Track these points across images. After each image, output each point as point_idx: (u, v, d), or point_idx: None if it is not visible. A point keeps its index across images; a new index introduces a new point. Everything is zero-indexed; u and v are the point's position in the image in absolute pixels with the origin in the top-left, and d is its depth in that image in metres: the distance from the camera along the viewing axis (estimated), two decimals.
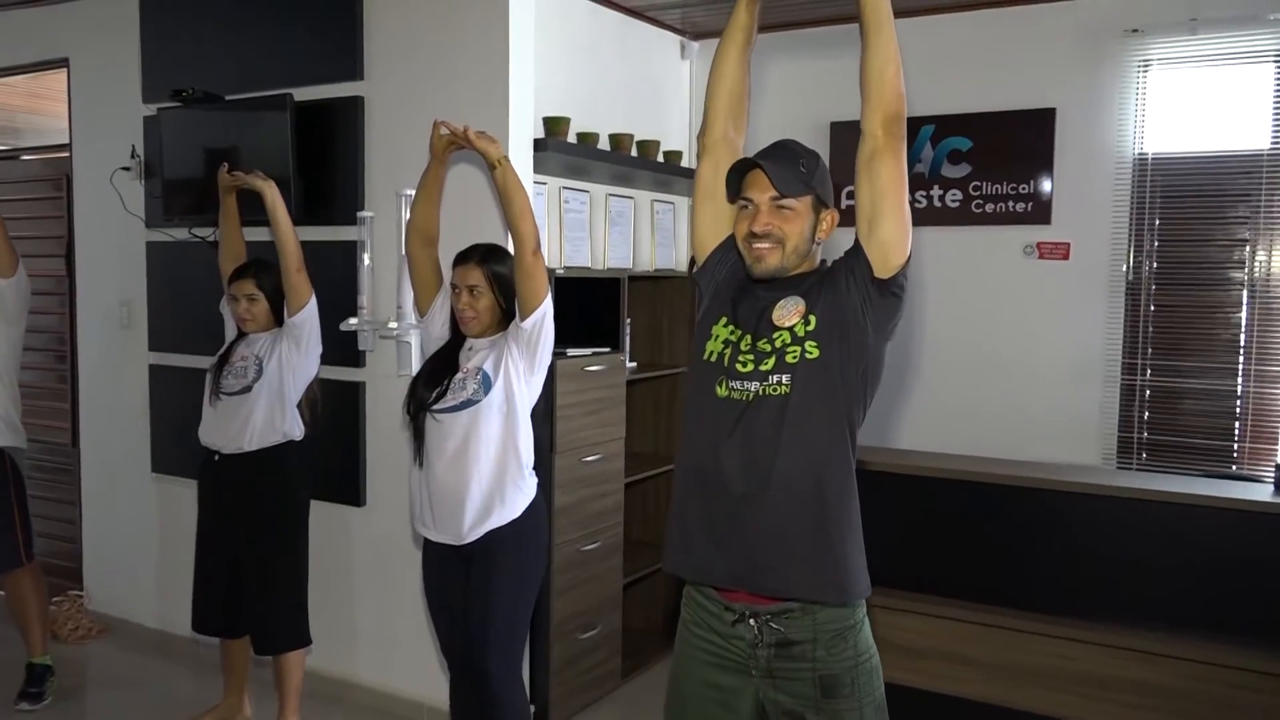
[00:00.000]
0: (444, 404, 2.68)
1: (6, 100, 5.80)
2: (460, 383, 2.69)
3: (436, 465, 2.68)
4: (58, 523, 4.67)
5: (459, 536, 2.68)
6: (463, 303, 2.71)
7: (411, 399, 2.75)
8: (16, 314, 3.68)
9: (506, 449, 2.69)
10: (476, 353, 2.73)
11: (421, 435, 2.71)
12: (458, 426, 2.66)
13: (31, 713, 3.60)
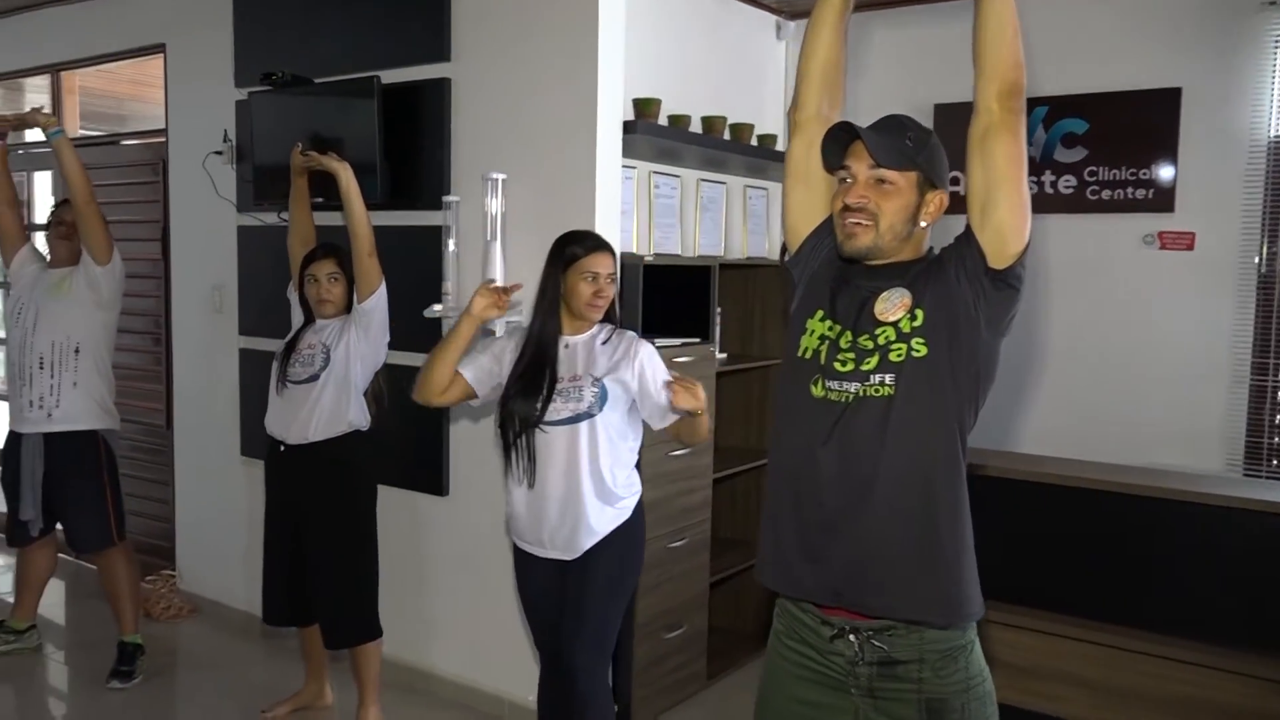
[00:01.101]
0: (556, 416, 2.55)
1: (112, 87, 5.94)
2: (572, 392, 2.56)
3: (548, 481, 2.56)
4: (153, 502, 4.75)
5: (573, 551, 2.59)
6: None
7: (512, 417, 2.59)
8: (111, 300, 3.72)
9: (620, 451, 2.61)
10: (589, 358, 2.61)
11: (528, 451, 2.58)
12: (574, 438, 2.55)
13: (122, 690, 3.64)
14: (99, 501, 3.70)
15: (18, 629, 3.96)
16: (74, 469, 3.67)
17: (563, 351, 2.62)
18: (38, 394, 3.61)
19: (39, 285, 3.70)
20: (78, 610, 4.51)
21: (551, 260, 2.65)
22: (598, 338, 2.65)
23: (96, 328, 3.70)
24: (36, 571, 3.91)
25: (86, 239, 3.60)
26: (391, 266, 3.21)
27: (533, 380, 2.57)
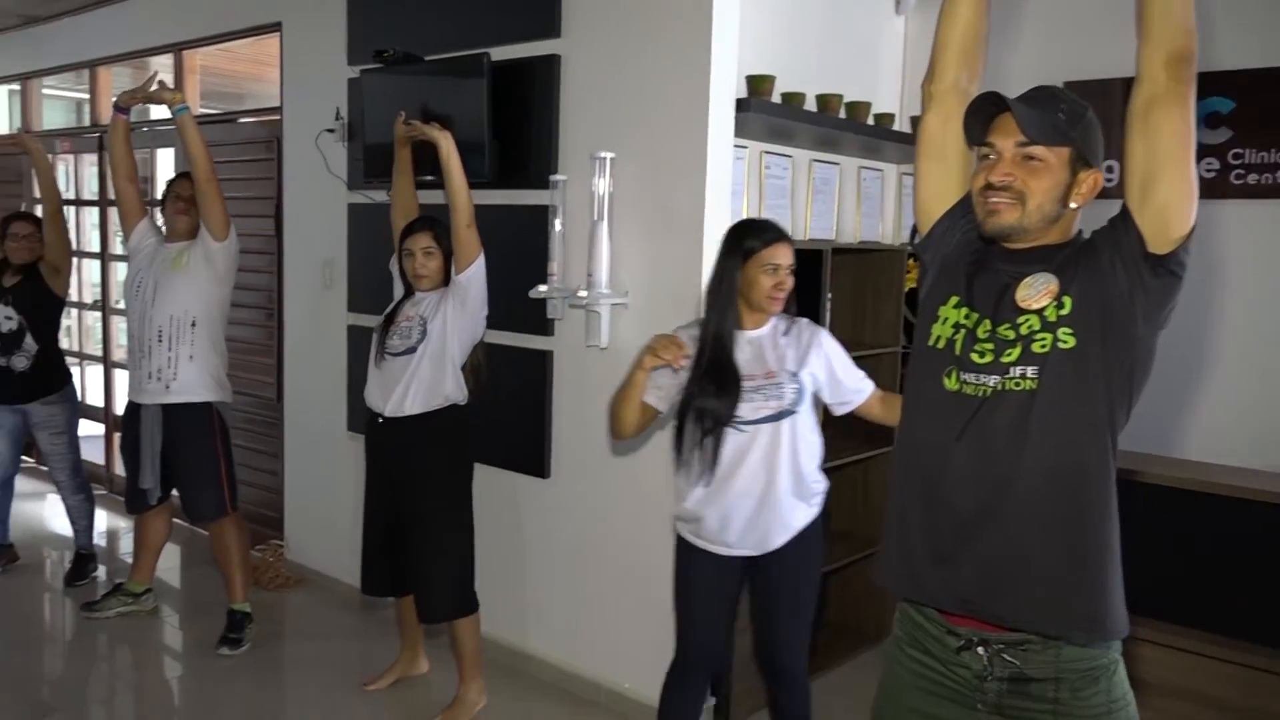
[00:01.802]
0: (756, 414, 2.46)
1: (231, 67, 6.08)
2: (770, 389, 2.47)
3: (739, 479, 2.47)
4: (263, 474, 4.86)
5: (764, 548, 2.53)
6: None
7: (702, 415, 2.46)
8: (226, 275, 3.79)
9: (814, 445, 2.55)
10: (776, 352, 2.53)
11: (714, 450, 2.47)
12: (775, 435, 2.46)
13: (231, 657, 3.73)
14: (214, 472, 3.79)
15: (135, 591, 4.09)
16: (190, 440, 3.76)
17: (746, 346, 2.51)
18: (156, 366, 3.70)
19: (157, 259, 3.78)
20: (192, 575, 4.65)
21: (728, 252, 2.53)
22: (778, 330, 2.56)
23: (212, 302, 3.77)
24: (153, 537, 4.03)
25: (206, 215, 3.66)
26: (497, 246, 3.18)
27: (720, 378, 2.46)
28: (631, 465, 3.29)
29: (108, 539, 5.13)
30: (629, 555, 3.32)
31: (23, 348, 4.21)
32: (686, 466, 2.52)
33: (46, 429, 4.34)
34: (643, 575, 3.28)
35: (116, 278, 5.98)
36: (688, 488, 2.54)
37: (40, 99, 6.67)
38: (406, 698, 3.42)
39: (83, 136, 6.12)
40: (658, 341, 2.40)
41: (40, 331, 4.25)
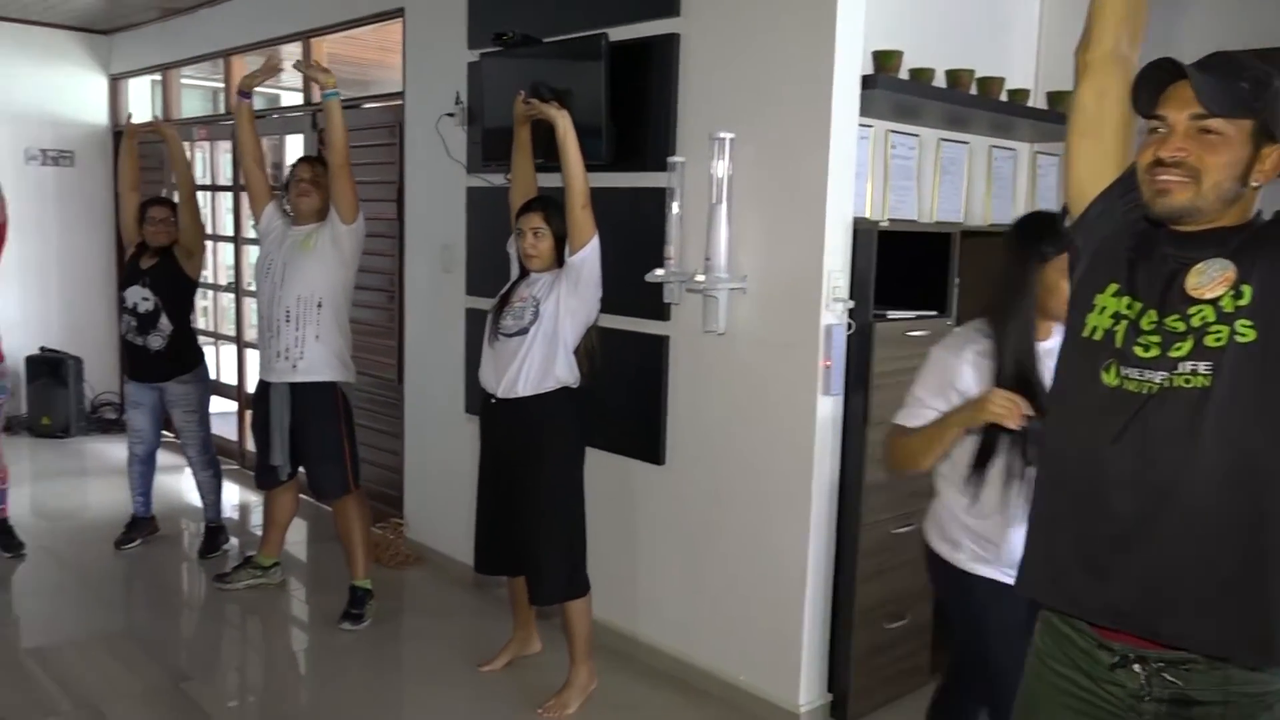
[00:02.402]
0: None
1: (358, 54, 6.20)
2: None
3: None
4: (385, 453, 4.97)
5: None
6: None
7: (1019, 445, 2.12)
8: (352, 257, 3.86)
9: None
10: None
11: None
12: None
13: (352, 632, 3.82)
14: (338, 450, 3.88)
15: (264, 564, 4.23)
16: (315, 419, 3.85)
17: (1044, 361, 2.14)
18: (284, 345, 3.80)
19: (286, 241, 3.87)
20: (317, 551, 4.80)
21: (1023, 253, 2.20)
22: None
23: (337, 284, 3.84)
24: (280, 513, 4.16)
25: (337, 198, 3.74)
26: (613, 230, 3.14)
27: (1035, 402, 2.02)
28: (750, 454, 3.23)
29: (240, 513, 5.33)
30: (747, 545, 3.26)
31: (159, 327, 4.38)
32: (1008, 501, 2.19)
33: (180, 407, 4.52)
34: (761, 567, 3.21)
35: (248, 260, 6.19)
36: (1004, 523, 2.21)
37: (179, 88, 6.95)
38: (520, 678, 3.45)
39: (218, 124, 6.35)
40: (999, 402, 1.99)
41: (175, 312, 4.42)
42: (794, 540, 3.12)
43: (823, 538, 3.14)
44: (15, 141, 6.90)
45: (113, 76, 7.25)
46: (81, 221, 7.24)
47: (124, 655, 3.57)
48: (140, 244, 4.46)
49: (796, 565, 3.12)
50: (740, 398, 3.24)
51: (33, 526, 4.88)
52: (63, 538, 4.81)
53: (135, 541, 4.68)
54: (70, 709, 3.16)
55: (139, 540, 4.70)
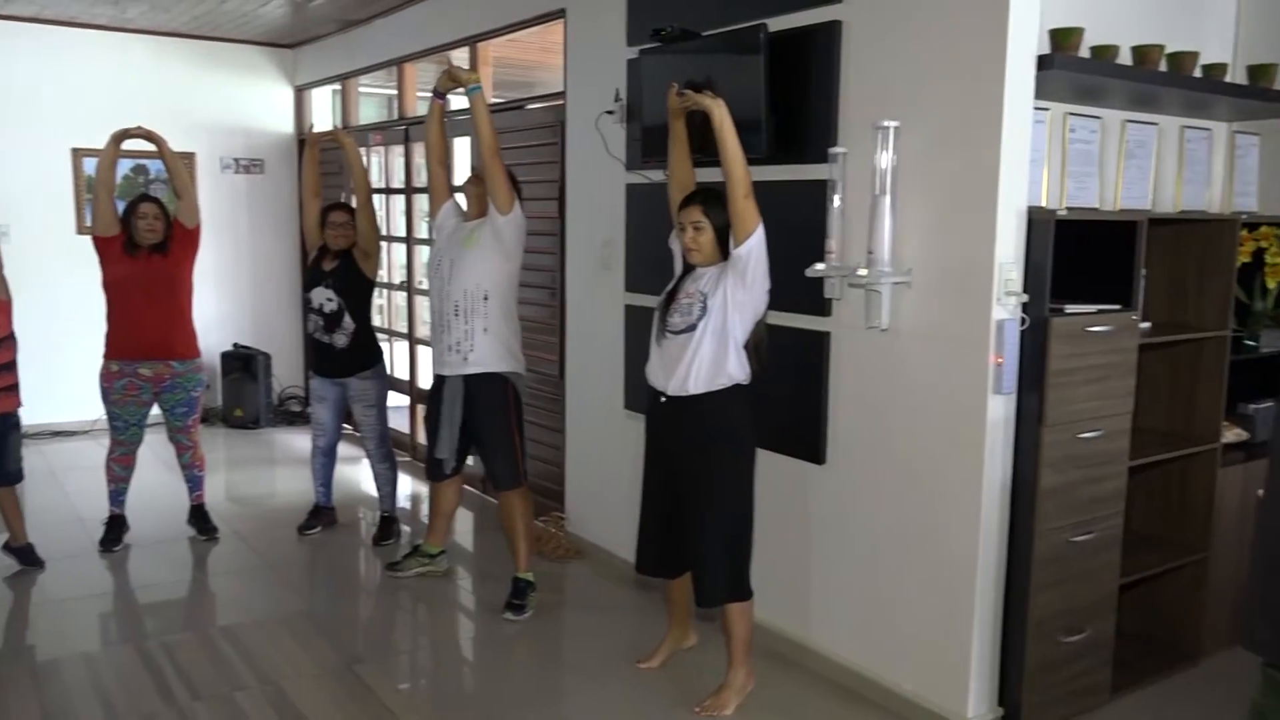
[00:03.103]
0: None
1: (521, 56, 6.35)
2: None
3: None
4: (548, 448, 5.06)
5: None
6: None
7: None
8: (514, 250, 3.93)
9: None
10: None
11: None
12: None
13: (514, 623, 3.90)
14: (509, 442, 3.97)
15: (431, 553, 4.38)
16: (488, 410, 3.94)
17: None
18: (454, 339, 3.91)
19: (455, 237, 4.00)
20: (483, 542, 4.93)
21: None
22: None
23: (502, 277, 3.93)
24: (446, 503, 4.29)
25: (491, 190, 3.83)
26: (772, 223, 3.07)
27: None
28: (916, 455, 3.10)
29: (412, 503, 5.54)
30: (913, 549, 3.14)
31: (342, 326, 4.60)
32: None
33: (360, 401, 4.73)
34: (928, 572, 3.09)
35: (420, 260, 6.44)
36: None
37: (357, 97, 7.29)
38: (677, 677, 3.43)
39: (392, 130, 6.62)
40: None
41: (357, 311, 4.62)
42: (963, 546, 2.98)
43: (994, 544, 2.99)
44: (212, 151, 7.40)
45: (297, 87, 7.67)
46: (269, 225, 7.71)
47: (303, 635, 3.76)
48: (322, 247, 4.69)
49: (966, 572, 2.98)
50: (905, 396, 3.13)
51: (226, 511, 5.23)
52: (252, 523, 5.13)
53: (316, 529, 4.94)
54: (255, 684, 3.35)
55: (319, 527, 4.96)
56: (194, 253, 4.62)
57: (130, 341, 4.51)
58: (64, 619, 3.95)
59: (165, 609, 4.12)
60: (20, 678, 3.39)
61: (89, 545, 4.67)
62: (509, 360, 3.96)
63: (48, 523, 4.93)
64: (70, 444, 6.70)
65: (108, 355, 4.55)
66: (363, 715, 3.17)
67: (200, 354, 4.73)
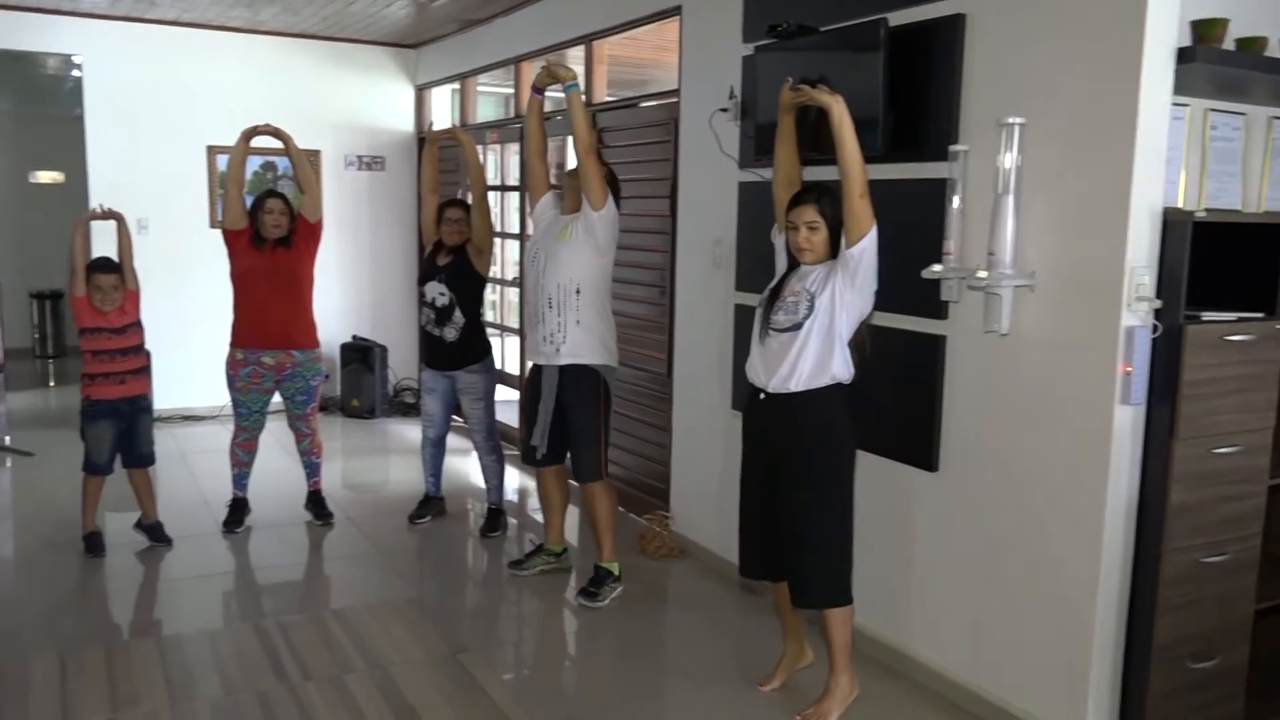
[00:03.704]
0: None
1: (636, 54, 6.36)
2: None
3: None
4: (653, 445, 5.06)
5: None
6: None
7: None
8: (606, 245, 3.95)
9: None
10: None
11: None
12: None
13: (589, 609, 3.97)
14: (595, 435, 4.00)
15: (555, 551, 4.40)
16: (577, 403, 3.98)
17: None
18: (548, 330, 3.96)
19: (550, 231, 4.04)
20: (588, 539, 4.94)
21: None
22: None
23: (595, 270, 3.95)
24: (551, 497, 4.31)
25: (585, 186, 3.86)
26: (887, 223, 2.98)
27: None
28: (1035, 466, 2.98)
29: (519, 496, 5.62)
30: (1030, 564, 3.02)
31: (453, 320, 4.68)
32: None
33: (468, 395, 4.81)
34: (1045, 589, 2.96)
35: None
36: None
37: (475, 95, 7.42)
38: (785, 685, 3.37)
39: (507, 128, 6.72)
40: None
41: (468, 306, 4.70)
42: (1084, 563, 2.85)
43: (1117, 562, 2.84)
44: (337, 149, 7.65)
45: (418, 87, 7.86)
46: (388, 221, 7.93)
47: (411, 622, 3.84)
48: (437, 242, 4.78)
49: (1086, 591, 2.84)
50: (1024, 404, 3.00)
51: (341, 498, 5.39)
52: (365, 509, 5.27)
53: (426, 518, 5.05)
54: (364, 668, 3.43)
55: (429, 517, 5.06)
56: (316, 246, 4.78)
57: (254, 331, 4.68)
58: (188, 595, 4.13)
59: (282, 590, 4.27)
60: (147, 650, 3.55)
61: (213, 526, 4.88)
62: (601, 353, 3.98)
63: (176, 504, 5.16)
64: (199, 428, 7.01)
65: (233, 344, 4.74)
66: (466, 704, 3.22)
67: (319, 345, 4.88)
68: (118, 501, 4.61)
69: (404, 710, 3.16)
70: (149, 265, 4.54)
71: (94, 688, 3.25)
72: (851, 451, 3.10)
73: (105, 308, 4.32)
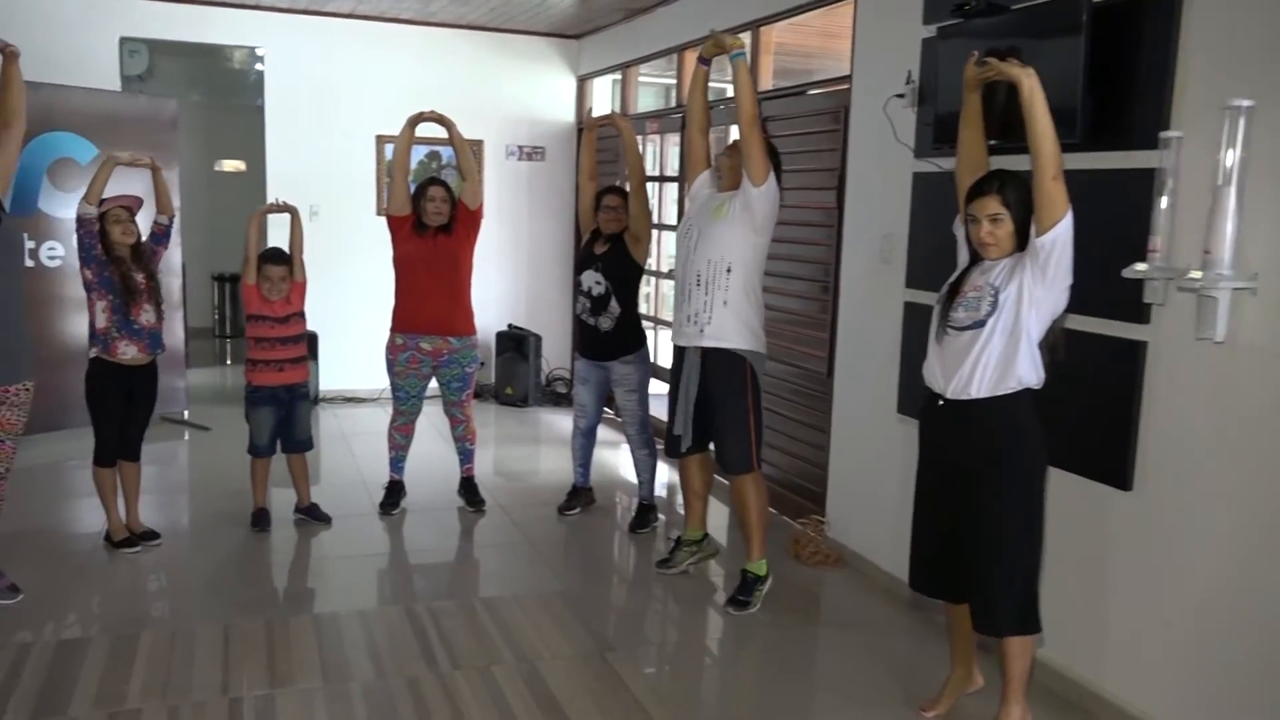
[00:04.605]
0: None
1: (803, 41, 6.16)
2: None
3: None
4: (809, 447, 4.86)
5: None
6: None
7: None
8: (764, 224, 3.78)
9: None
10: None
11: None
12: None
13: (736, 617, 3.83)
14: (743, 424, 3.83)
15: (694, 539, 4.29)
16: (722, 388, 3.83)
17: None
18: (693, 309, 3.83)
19: (706, 207, 3.91)
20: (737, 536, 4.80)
21: None
22: None
23: (748, 250, 3.79)
24: (695, 482, 4.19)
25: (747, 160, 3.70)
26: (1082, 217, 2.69)
27: None
28: (1248, 491, 2.67)
29: (669, 491, 5.52)
30: (1238, 600, 2.70)
31: (608, 310, 4.61)
32: None
33: (622, 386, 4.73)
34: (1257, 629, 2.65)
35: None
36: None
37: (636, 86, 7.37)
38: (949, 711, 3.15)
39: (668, 118, 6.62)
40: None
41: (623, 296, 4.62)
42: None
43: None
44: (499, 139, 7.73)
45: (580, 77, 7.86)
46: (546, 211, 7.97)
47: (557, 615, 3.79)
48: (594, 230, 4.72)
49: None
50: (1240, 421, 2.69)
51: (492, 484, 5.42)
52: (515, 497, 5.28)
53: (575, 510, 5.01)
54: (511, 660, 3.39)
55: (578, 509, 5.02)
56: (475, 233, 4.79)
57: (413, 316, 4.74)
58: (344, 573, 4.20)
59: (433, 574, 4.30)
60: (304, 627, 3.62)
61: (370, 507, 4.97)
62: (748, 338, 3.82)
63: (336, 483, 5.30)
64: (361, 410, 7.21)
65: (393, 328, 4.80)
66: (612, 704, 3.13)
67: (475, 332, 4.90)
68: (286, 479, 4.74)
69: (550, 707, 3.09)
70: (318, 250, 4.66)
71: (253, 661, 3.32)
72: (1042, 465, 2.83)
73: (272, 297, 4.44)
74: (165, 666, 3.26)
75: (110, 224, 4.09)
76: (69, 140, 5.86)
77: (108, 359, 4.14)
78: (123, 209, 4.14)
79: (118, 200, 4.17)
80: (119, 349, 4.12)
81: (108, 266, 4.09)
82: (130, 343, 4.13)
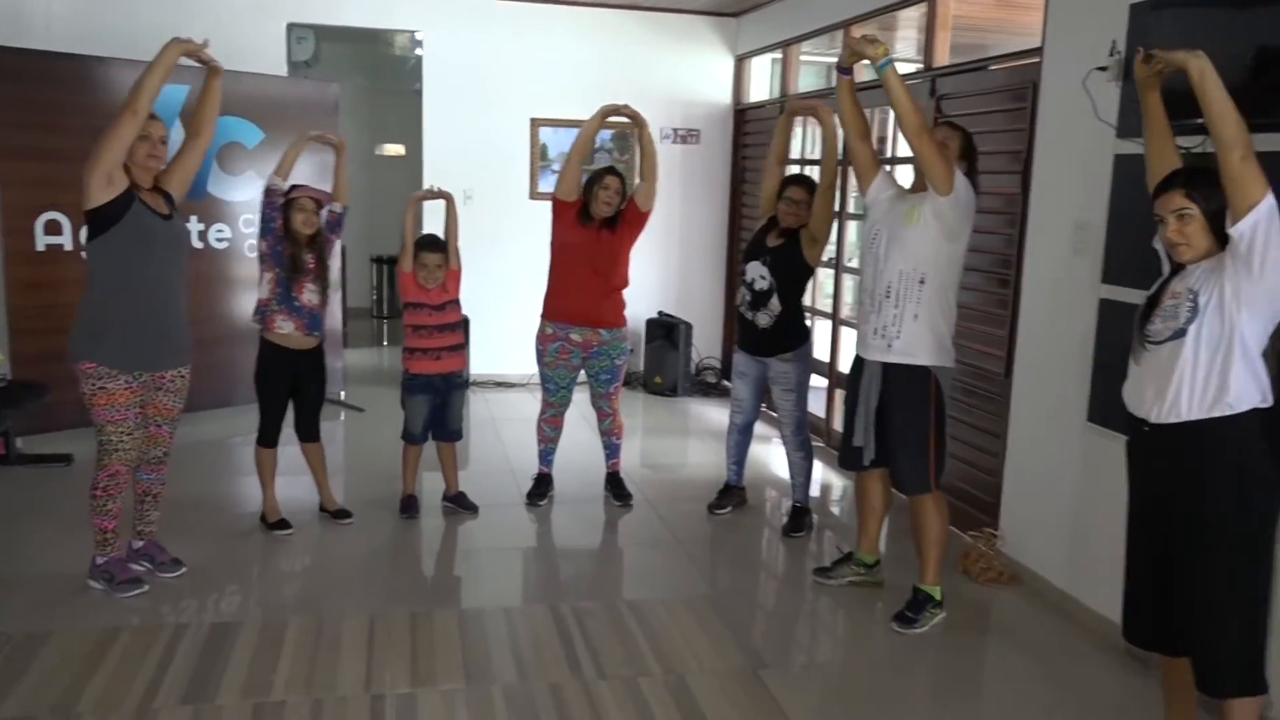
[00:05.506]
0: None
1: (978, 14, 5.74)
2: None
3: None
4: (982, 453, 4.49)
5: None
6: None
7: None
8: (957, 230, 3.46)
9: None
10: None
11: None
12: None
13: (901, 635, 3.58)
14: (921, 443, 3.55)
15: (867, 562, 3.97)
16: (904, 404, 3.56)
17: None
18: (882, 323, 3.55)
19: (894, 210, 3.59)
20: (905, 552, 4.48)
21: None
22: None
23: (943, 259, 3.48)
24: (872, 500, 3.88)
25: (925, 171, 3.39)
26: None
27: None
28: None
29: (823, 493, 5.24)
30: None
31: (768, 306, 4.35)
32: None
33: (779, 384, 4.48)
34: None
35: (849, 237, 6.08)
36: None
37: (798, 65, 7.04)
38: None
39: (830, 98, 6.27)
40: None
41: (786, 295, 4.33)
42: None
43: None
44: (653, 122, 7.40)
45: (738, 57, 7.59)
46: (701, 196, 7.75)
47: (707, 623, 3.59)
48: (771, 219, 4.46)
49: None
50: None
51: (639, 477, 5.26)
52: (663, 491, 5.11)
53: (726, 509, 4.79)
54: (658, 672, 3.21)
55: (729, 508, 4.80)
56: (638, 234, 4.67)
57: (565, 306, 4.61)
58: (489, 566, 4.13)
59: (578, 571, 4.17)
60: (447, 621, 3.53)
61: (517, 497, 4.89)
62: (938, 353, 3.52)
63: (485, 471, 5.25)
64: (511, 395, 7.19)
65: (544, 316, 4.69)
66: None
67: (626, 323, 4.74)
68: (435, 462, 4.71)
69: None
70: (472, 234, 4.59)
71: (397, 655, 3.25)
72: (1272, 501, 2.44)
73: (428, 284, 4.39)
74: (311, 657, 3.23)
75: (295, 210, 4.13)
76: (237, 125, 5.99)
77: (268, 338, 4.18)
78: (311, 199, 4.17)
79: (309, 191, 4.21)
80: (276, 323, 4.16)
81: (282, 241, 4.14)
82: (288, 318, 4.16)
